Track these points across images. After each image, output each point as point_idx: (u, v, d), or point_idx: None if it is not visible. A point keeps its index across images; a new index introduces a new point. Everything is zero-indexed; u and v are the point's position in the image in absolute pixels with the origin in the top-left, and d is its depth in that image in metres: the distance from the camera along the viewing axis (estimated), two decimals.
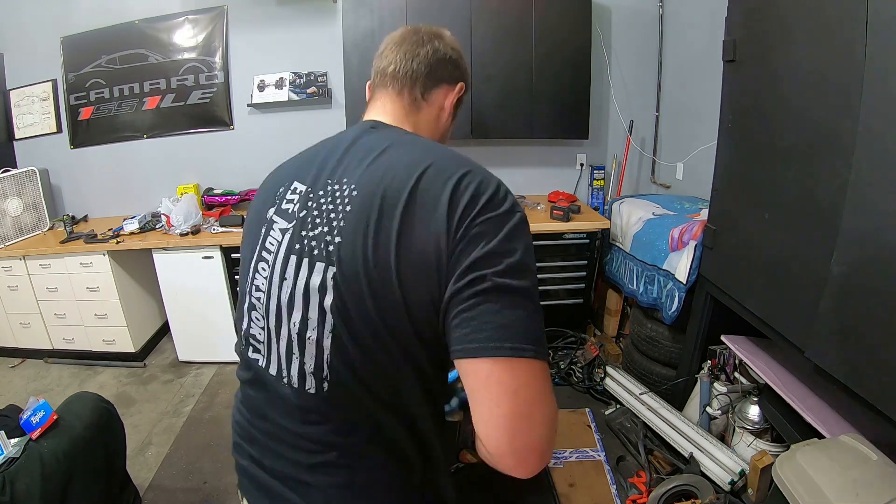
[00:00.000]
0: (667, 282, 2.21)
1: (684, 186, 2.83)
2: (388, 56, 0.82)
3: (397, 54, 0.81)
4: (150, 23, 3.05)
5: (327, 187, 0.68)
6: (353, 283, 0.61)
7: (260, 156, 3.21)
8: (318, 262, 0.64)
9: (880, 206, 1.13)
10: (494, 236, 0.58)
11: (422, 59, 0.80)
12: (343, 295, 0.62)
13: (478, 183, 0.61)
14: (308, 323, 0.65)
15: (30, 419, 1.48)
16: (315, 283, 0.64)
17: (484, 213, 0.59)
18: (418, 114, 0.82)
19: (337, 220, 0.64)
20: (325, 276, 0.63)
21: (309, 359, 0.66)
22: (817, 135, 1.34)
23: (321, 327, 0.64)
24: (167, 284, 2.83)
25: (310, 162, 0.74)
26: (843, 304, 1.24)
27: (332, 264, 0.63)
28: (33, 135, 3.24)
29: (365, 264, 0.60)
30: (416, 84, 0.81)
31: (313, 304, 0.64)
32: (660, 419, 2.07)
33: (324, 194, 0.68)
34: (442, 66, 0.82)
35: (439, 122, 0.85)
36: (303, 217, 0.68)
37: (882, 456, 1.24)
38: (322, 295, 0.64)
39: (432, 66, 0.81)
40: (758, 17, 1.60)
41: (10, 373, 2.95)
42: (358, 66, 2.82)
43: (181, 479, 2.07)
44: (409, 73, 0.80)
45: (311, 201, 0.68)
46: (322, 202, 0.67)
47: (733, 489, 1.70)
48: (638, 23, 3.05)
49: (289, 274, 0.67)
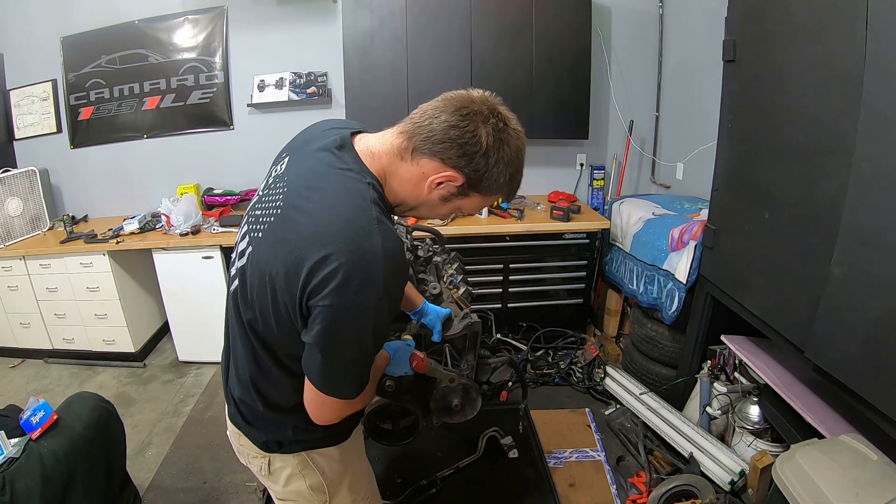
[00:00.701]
0: (667, 282, 2.21)
1: (684, 186, 2.83)
2: (432, 102, 0.80)
3: (434, 103, 0.79)
4: (150, 23, 3.04)
5: (277, 184, 0.83)
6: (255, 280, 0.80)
7: (260, 156, 3.17)
8: (248, 247, 0.82)
9: (880, 206, 1.13)
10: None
11: (438, 123, 0.76)
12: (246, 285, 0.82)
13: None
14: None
15: (30, 419, 1.48)
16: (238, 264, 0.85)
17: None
18: (399, 162, 0.80)
19: (265, 221, 0.80)
20: (243, 261, 0.83)
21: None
22: (817, 135, 1.34)
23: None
24: (167, 284, 2.82)
25: (299, 145, 0.89)
26: (843, 304, 1.24)
27: (245, 259, 0.82)
28: (33, 135, 3.23)
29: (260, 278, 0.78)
30: (415, 137, 0.78)
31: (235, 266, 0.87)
32: (660, 419, 2.07)
33: (273, 188, 0.84)
34: (448, 145, 0.76)
35: (418, 190, 0.81)
36: (262, 195, 0.86)
37: (882, 456, 1.24)
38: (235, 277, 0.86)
39: (438, 135, 0.76)
40: (757, 16, 1.60)
41: (10, 373, 2.95)
42: (358, 66, 2.82)
43: (181, 479, 2.07)
44: (418, 125, 0.78)
45: (269, 188, 0.85)
46: (269, 194, 0.83)
47: (733, 489, 1.70)
48: (638, 23, 3.05)
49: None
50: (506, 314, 2.87)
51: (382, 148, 0.82)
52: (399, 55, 2.79)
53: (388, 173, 0.82)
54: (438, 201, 0.83)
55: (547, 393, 2.56)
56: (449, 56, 2.80)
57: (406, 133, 0.79)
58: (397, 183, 0.82)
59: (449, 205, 0.84)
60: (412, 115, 0.81)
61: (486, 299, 2.83)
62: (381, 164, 0.81)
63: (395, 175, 0.82)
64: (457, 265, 1.77)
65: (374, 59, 2.82)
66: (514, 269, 2.83)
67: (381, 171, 0.81)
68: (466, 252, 2.51)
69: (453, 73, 2.80)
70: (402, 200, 0.84)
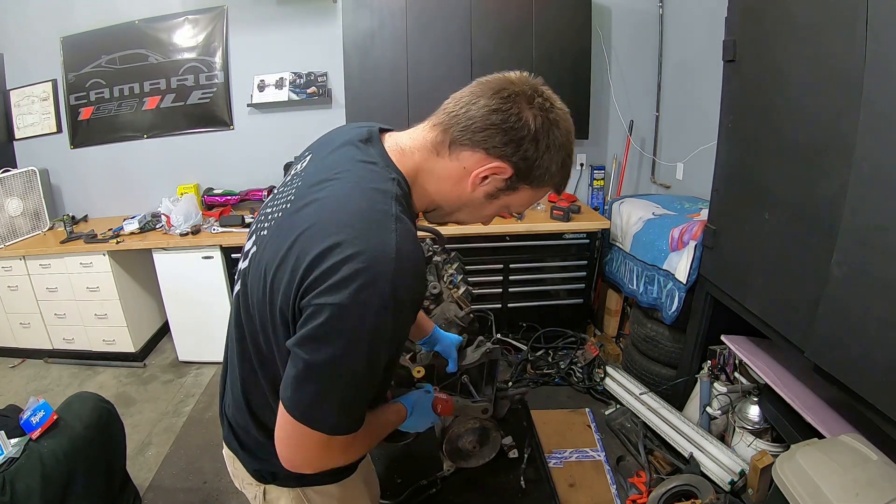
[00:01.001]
0: (667, 282, 2.21)
1: (684, 186, 2.83)
2: (466, 88, 0.71)
3: (468, 89, 0.70)
4: (150, 23, 3.04)
5: (294, 181, 0.76)
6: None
7: (260, 156, 3.21)
8: (253, 247, 0.75)
9: (880, 206, 1.13)
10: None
11: (476, 109, 0.67)
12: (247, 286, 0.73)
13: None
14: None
15: (30, 419, 1.48)
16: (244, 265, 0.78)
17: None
18: (435, 159, 0.71)
19: (273, 218, 0.73)
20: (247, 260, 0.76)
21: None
22: (817, 135, 1.34)
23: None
24: (167, 284, 2.83)
25: (322, 142, 0.83)
26: (843, 304, 1.24)
27: (248, 260, 0.75)
28: (33, 135, 3.24)
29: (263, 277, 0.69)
30: (451, 128, 0.69)
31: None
32: (660, 419, 2.07)
33: (288, 185, 0.77)
34: (491, 132, 0.67)
35: (459, 188, 0.72)
36: (276, 193, 0.79)
37: (882, 456, 1.24)
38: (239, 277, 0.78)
39: (478, 123, 0.67)
40: (757, 16, 1.60)
41: (10, 373, 2.95)
42: (358, 66, 2.82)
43: (181, 479, 2.07)
44: (453, 115, 0.69)
45: (285, 185, 0.78)
46: (283, 191, 0.76)
47: (733, 489, 1.70)
48: (638, 23, 3.05)
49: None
50: (506, 314, 2.87)
51: (414, 144, 0.72)
52: (399, 55, 2.79)
53: (420, 172, 0.72)
54: (483, 199, 0.73)
55: (547, 393, 2.56)
56: (449, 56, 2.80)
57: (441, 125, 0.70)
58: (433, 183, 0.72)
59: (496, 203, 0.74)
60: (445, 105, 0.71)
61: (486, 299, 2.83)
62: (412, 162, 0.72)
63: (430, 174, 0.72)
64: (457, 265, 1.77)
65: (374, 59, 2.82)
66: (514, 269, 2.83)
67: (413, 171, 0.72)
68: (466, 252, 2.52)
69: (453, 73, 2.80)
70: (438, 204, 0.75)
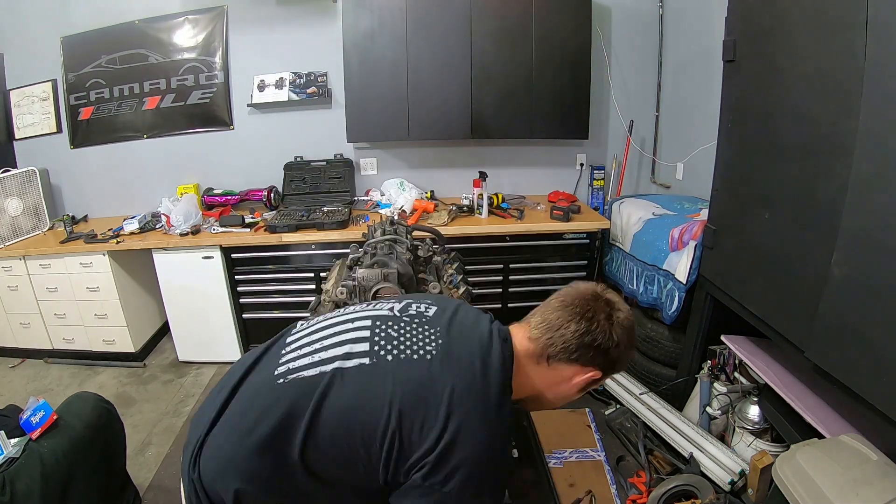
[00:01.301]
0: (667, 282, 2.21)
1: (684, 186, 2.83)
2: (551, 304, 0.86)
3: (554, 312, 0.84)
4: (150, 23, 3.04)
5: (424, 324, 0.86)
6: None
7: (260, 156, 3.21)
8: (366, 358, 0.82)
9: (880, 206, 1.13)
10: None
11: (570, 334, 0.82)
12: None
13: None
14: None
15: (30, 419, 1.48)
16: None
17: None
18: (536, 365, 0.85)
19: (404, 350, 0.80)
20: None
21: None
22: (817, 134, 1.34)
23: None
24: (167, 284, 2.82)
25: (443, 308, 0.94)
26: (843, 304, 1.24)
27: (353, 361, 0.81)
28: (33, 135, 3.23)
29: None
30: (549, 349, 0.83)
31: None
32: (660, 419, 2.07)
33: (416, 322, 0.87)
34: (584, 351, 0.82)
35: (560, 388, 0.87)
36: (398, 315, 0.89)
37: (882, 456, 1.24)
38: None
39: (572, 345, 0.82)
40: (758, 16, 1.60)
41: (10, 373, 2.95)
42: (358, 66, 2.82)
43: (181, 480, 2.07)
44: (550, 338, 0.83)
45: (409, 317, 0.88)
46: (411, 326, 0.85)
47: (733, 489, 1.69)
48: (638, 23, 3.05)
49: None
50: (506, 314, 2.87)
51: (520, 349, 0.86)
52: (399, 55, 2.79)
53: (528, 376, 0.86)
54: (577, 392, 0.88)
55: None
56: (449, 56, 2.80)
57: (536, 341, 0.85)
58: (537, 380, 0.86)
59: (583, 391, 0.89)
60: (532, 320, 0.87)
61: (486, 299, 2.83)
62: (522, 370, 0.85)
63: (526, 374, 0.86)
64: (457, 265, 1.77)
65: (374, 59, 2.81)
66: (515, 269, 2.83)
67: (524, 375, 0.85)
68: (466, 252, 2.51)
69: (453, 74, 2.80)
70: (527, 395, 0.88)
